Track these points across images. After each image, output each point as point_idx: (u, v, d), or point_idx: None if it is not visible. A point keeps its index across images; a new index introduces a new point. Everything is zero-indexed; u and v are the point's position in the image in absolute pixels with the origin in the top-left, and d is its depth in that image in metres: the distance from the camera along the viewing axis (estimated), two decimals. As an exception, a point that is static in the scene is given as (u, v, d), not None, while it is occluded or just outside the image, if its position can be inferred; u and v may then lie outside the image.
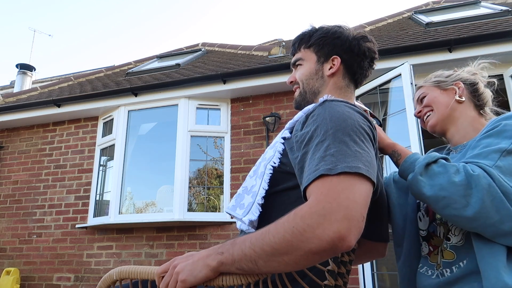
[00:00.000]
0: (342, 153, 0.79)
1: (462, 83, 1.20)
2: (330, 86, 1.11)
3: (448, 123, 1.19)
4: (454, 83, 1.21)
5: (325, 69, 1.12)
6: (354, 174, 0.76)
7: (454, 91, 1.20)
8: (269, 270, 0.79)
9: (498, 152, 0.91)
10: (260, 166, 0.99)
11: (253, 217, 0.91)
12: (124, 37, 77.86)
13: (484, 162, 0.91)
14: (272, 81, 4.18)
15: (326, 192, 0.74)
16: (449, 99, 1.19)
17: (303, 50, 1.16)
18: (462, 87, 1.19)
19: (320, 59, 1.13)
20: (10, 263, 4.76)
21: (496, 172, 0.88)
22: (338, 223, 0.70)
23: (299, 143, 0.89)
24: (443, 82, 1.22)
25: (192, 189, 4.42)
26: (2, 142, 5.34)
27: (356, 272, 3.46)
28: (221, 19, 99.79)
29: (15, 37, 51.04)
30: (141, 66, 6.45)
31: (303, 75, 1.14)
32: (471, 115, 1.18)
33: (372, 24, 5.74)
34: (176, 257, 0.85)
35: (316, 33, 1.15)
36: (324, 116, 0.88)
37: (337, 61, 1.11)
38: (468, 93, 1.20)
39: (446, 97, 1.20)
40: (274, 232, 0.76)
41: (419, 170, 0.95)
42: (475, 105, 1.20)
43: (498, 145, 0.94)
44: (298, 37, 1.19)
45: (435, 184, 0.91)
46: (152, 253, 4.27)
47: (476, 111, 1.19)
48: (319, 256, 0.73)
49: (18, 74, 7.84)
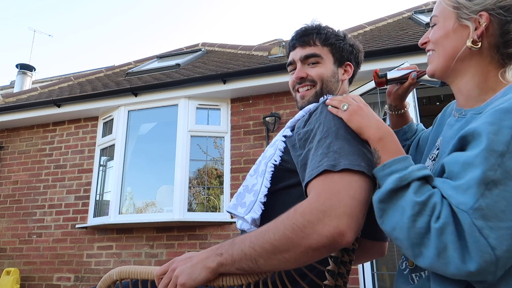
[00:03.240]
0: (345, 150, 0.80)
1: (490, 13, 0.78)
2: (340, 90, 1.12)
3: (450, 76, 0.86)
4: (478, 13, 0.79)
5: (339, 72, 1.11)
6: (356, 172, 0.77)
7: (469, 30, 0.80)
8: (270, 269, 0.79)
9: (481, 185, 0.63)
10: (260, 164, 0.99)
11: (256, 215, 0.91)
12: (125, 39, 77.85)
13: (463, 200, 0.64)
14: (272, 81, 4.18)
15: (327, 188, 0.75)
16: (458, 43, 0.81)
17: (320, 46, 1.09)
18: (485, 22, 0.78)
19: (336, 62, 1.10)
20: (10, 263, 4.76)
21: (471, 221, 0.62)
22: (338, 219, 0.71)
23: (303, 141, 0.89)
24: (464, 8, 0.81)
25: (192, 189, 4.41)
26: (2, 142, 5.34)
27: (356, 272, 3.46)
28: (221, 19, 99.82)
29: (15, 37, 51.04)
30: (141, 66, 6.45)
31: (324, 75, 1.07)
32: (484, 69, 0.80)
33: (372, 24, 5.74)
34: (175, 259, 0.84)
35: (330, 33, 1.10)
36: (327, 114, 0.89)
37: (351, 68, 1.13)
38: (495, 30, 0.78)
39: (456, 39, 0.82)
40: (274, 230, 0.76)
41: (382, 195, 0.72)
42: (499, 51, 0.79)
43: (480, 166, 0.64)
44: (313, 30, 1.09)
45: (390, 220, 0.71)
46: (152, 253, 4.27)
47: (497, 61, 0.79)
48: (319, 252, 0.73)
49: (18, 74, 7.84)
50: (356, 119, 0.84)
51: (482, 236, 0.60)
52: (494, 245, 0.60)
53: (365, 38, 4.80)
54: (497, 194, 0.62)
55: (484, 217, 0.61)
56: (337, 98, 0.92)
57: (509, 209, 0.61)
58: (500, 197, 0.62)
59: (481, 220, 0.61)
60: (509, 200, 0.62)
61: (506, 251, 0.60)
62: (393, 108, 1.18)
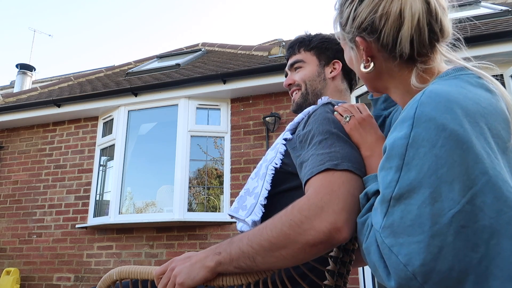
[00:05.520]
0: (347, 151, 0.82)
1: (361, 36, 0.76)
2: (331, 88, 1.15)
3: (382, 92, 0.88)
4: (354, 40, 0.79)
5: (326, 72, 1.16)
6: (356, 174, 0.78)
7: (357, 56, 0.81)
8: (267, 267, 0.79)
9: (384, 203, 0.63)
10: (261, 167, 1.00)
11: (256, 217, 0.91)
12: (125, 39, 77.91)
13: (374, 221, 0.66)
14: (272, 81, 4.18)
15: (328, 185, 0.75)
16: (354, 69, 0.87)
17: (303, 52, 1.18)
18: (362, 46, 0.77)
19: (321, 62, 1.16)
20: (10, 263, 4.76)
21: (382, 239, 0.62)
22: (336, 214, 0.71)
23: (303, 142, 0.90)
24: (342, 40, 0.85)
25: (192, 189, 4.42)
26: (2, 142, 5.34)
27: (356, 272, 3.46)
28: (221, 19, 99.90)
29: (15, 37, 51.07)
30: (141, 66, 6.45)
31: (306, 76, 1.15)
32: (400, 80, 0.79)
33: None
34: (174, 258, 0.85)
35: (316, 38, 1.18)
36: (326, 116, 0.90)
37: (339, 65, 1.16)
38: (377, 46, 0.76)
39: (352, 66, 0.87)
40: (271, 227, 0.76)
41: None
42: (395, 61, 0.76)
43: (381, 184, 0.65)
44: (297, 40, 1.20)
45: (361, 240, 0.71)
46: (152, 253, 4.27)
47: (404, 67, 0.76)
48: (316, 248, 0.73)
49: (18, 74, 7.84)
50: (355, 135, 0.88)
51: (393, 254, 0.59)
52: (405, 261, 0.58)
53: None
54: (402, 209, 0.60)
55: (394, 234, 0.60)
56: (343, 105, 0.93)
57: (417, 222, 0.58)
58: (406, 211, 0.59)
59: (391, 237, 0.60)
60: (414, 213, 0.58)
61: (421, 265, 0.57)
62: None
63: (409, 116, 0.62)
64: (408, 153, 0.61)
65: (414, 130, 0.61)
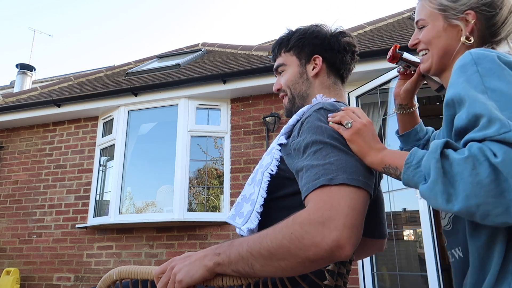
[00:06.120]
0: (342, 162, 0.79)
1: (475, 11, 0.86)
2: (317, 87, 1.10)
3: (443, 71, 0.94)
4: (465, 12, 0.87)
5: (308, 70, 1.11)
6: (353, 186, 0.76)
7: (460, 28, 0.87)
8: (265, 275, 0.79)
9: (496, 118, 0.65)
10: (257, 173, 0.99)
11: (252, 225, 0.91)
12: (125, 39, 77.88)
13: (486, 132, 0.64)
14: (272, 81, 4.18)
15: (327, 200, 0.74)
16: (450, 41, 0.89)
17: (284, 54, 1.14)
18: (473, 19, 0.86)
19: (302, 61, 1.11)
20: (10, 263, 4.76)
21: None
22: (338, 231, 0.70)
23: (297, 150, 0.88)
24: (451, 10, 0.88)
25: (192, 189, 4.41)
26: (2, 142, 5.34)
27: (356, 272, 3.46)
28: (221, 19, 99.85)
29: (15, 37, 51.06)
30: (141, 66, 6.45)
31: (288, 81, 1.12)
32: None
33: (372, 24, 5.74)
34: (174, 258, 0.85)
35: (294, 36, 1.13)
36: (317, 124, 0.87)
37: (319, 60, 1.10)
38: (482, 24, 0.87)
39: (448, 37, 0.89)
40: (272, 237, 0.76)
41: (432, 177, 0.66)
42: (486, 41, 0.88)
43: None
44: (277, 42, 1.16)
45: (458, 193, 0.63)
46: (152, 253, 4.27)
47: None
48: (317, 263, 0.73)
49: (18, 74, 7.84)
50: (357, 142, 0.83)
51: None
52: None
53: (365, 38, 4.80)
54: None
55: None
56: (339, 113, 0.88)
57: None
58: None
59: None
60: None
61: None
62: (403, 107, 1.16)
63: (466, 62, 0.73)
64: (485, 81, 0.69)
65: (478, 67, 0.71)
